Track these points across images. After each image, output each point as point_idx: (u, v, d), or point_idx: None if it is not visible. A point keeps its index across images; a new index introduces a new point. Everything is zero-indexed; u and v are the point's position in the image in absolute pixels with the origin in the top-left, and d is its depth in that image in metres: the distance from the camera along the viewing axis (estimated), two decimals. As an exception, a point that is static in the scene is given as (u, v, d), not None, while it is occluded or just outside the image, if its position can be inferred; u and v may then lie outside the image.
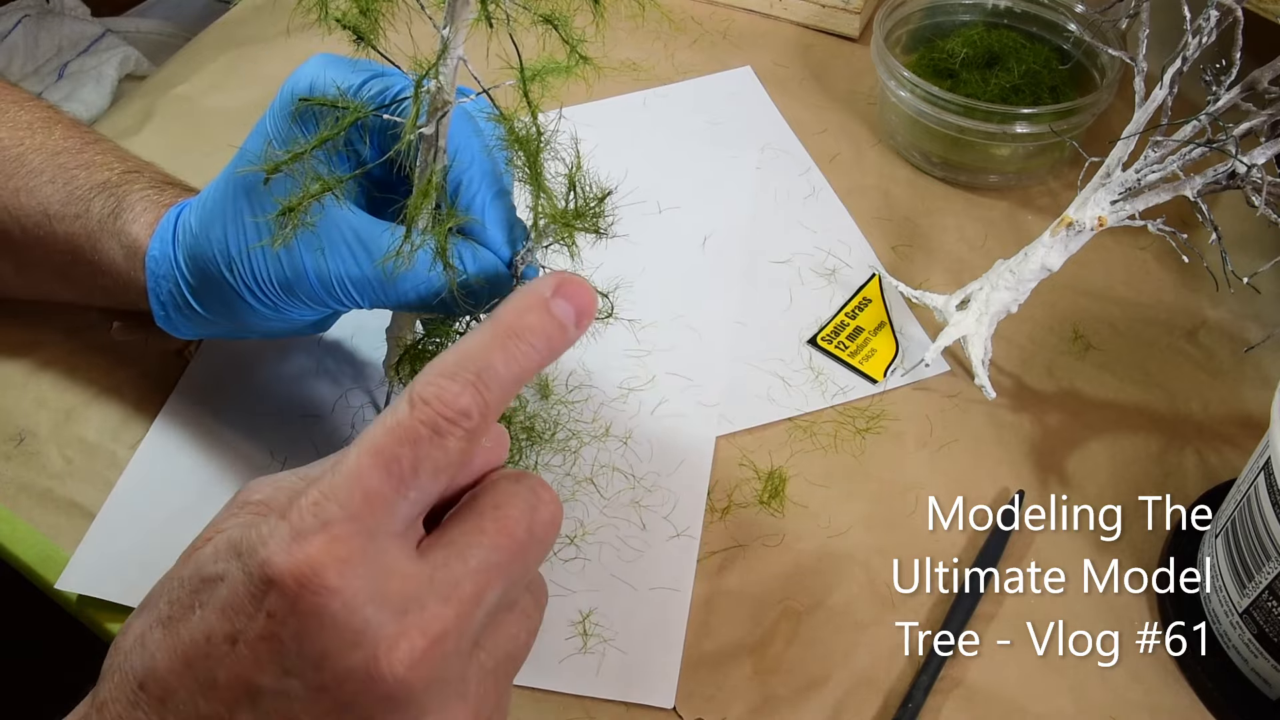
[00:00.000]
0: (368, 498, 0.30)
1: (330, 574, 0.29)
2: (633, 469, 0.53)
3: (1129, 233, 0.63)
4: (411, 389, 0.32)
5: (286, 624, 0.29)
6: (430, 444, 0.31)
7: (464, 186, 0.41)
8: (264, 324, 0.45)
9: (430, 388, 0.31)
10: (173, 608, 0.31)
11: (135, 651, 0.31)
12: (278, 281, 0.42)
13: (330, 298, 0.42)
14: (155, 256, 0.46)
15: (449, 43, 0.37)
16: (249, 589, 0.30)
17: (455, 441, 0.31)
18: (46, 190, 0.50)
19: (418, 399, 0.31)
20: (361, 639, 0.29)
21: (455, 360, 0.32)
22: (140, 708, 0.31)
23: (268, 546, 0.30)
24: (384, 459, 0.31)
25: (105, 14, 1.27)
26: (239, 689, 0.30)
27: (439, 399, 0.31)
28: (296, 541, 0.30)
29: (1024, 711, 0.45)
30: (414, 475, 0.31)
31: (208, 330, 0.47)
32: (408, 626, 0.30)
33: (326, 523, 0.30)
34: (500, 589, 0.32)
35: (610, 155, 0.68)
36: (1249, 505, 0.43)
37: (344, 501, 0.30)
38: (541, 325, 0.33)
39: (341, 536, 0.30)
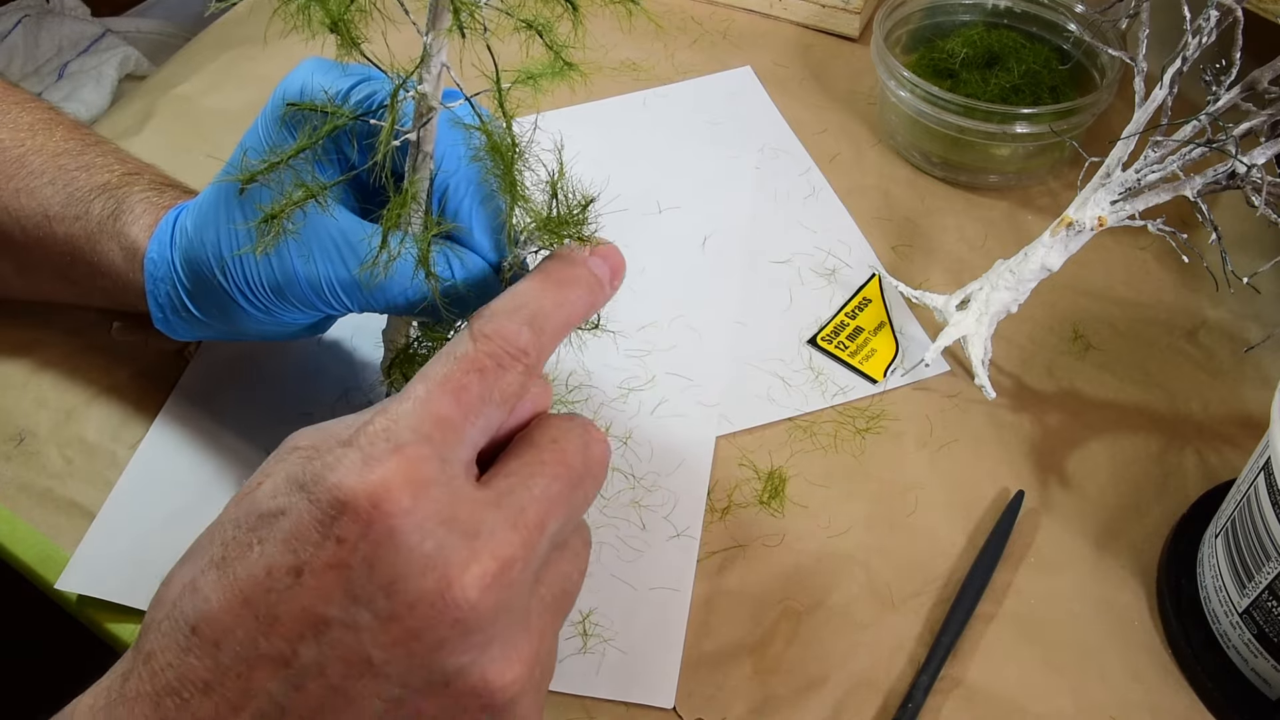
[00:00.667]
0: (439, 422, 0.31)
1: (405, 495, 0.29)
2: (633, 469, 0.53)
3: (1129, 233, 0.63)
4: (472, 326, 0.33)
5: (358, 549, 0.29)
6: (494, 375, 0.32)
7: (450, 192, 0.41)
8: (259, 327, 0.45)
9: (490, 324, 0.33)
10: (227, 549, 0.31)
11: (185, 597, 0.31)
12: (269, 286, 0.42)
13: (321, 302, 0.42)
14: (153, 259, 0.46)
15: (431, 49, 0.37)
16: (316, 516, 0.30)
17: (515, 375, 0.33)
18: (47, 192, 0.50)
19: (480, 334, 0.33)
20: (434, 562, 0.29)
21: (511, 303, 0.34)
22: (192, 653, 0.30)
23: (336, 472, 0.30)
24: (453, 386, 0.32)
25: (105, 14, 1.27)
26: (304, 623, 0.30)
27: (500, 334, 0.33)
28: (368, 465, 0.30)
29: (1024, 711, 0.45)
30: (481, 403, 0.32)
31: (205, 332, 0.47)
32: (479, 550, 0.30)
33: (399, 445, 0.30)
34: (561, 519, 0.33)
35: (611, 155, 0.68)
36: (1249, 505, 0.43)
37: (415, 425, 0.31)
38: (585, 277, 0.36)
39: (415, 459, 0.30)
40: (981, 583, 0.48)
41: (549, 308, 0.35)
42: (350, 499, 0.29)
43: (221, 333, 0.47)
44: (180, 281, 0.45)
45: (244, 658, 0.30)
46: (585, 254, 0.37)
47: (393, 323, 0.47)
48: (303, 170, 0.40)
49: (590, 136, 0.70)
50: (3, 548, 0.50)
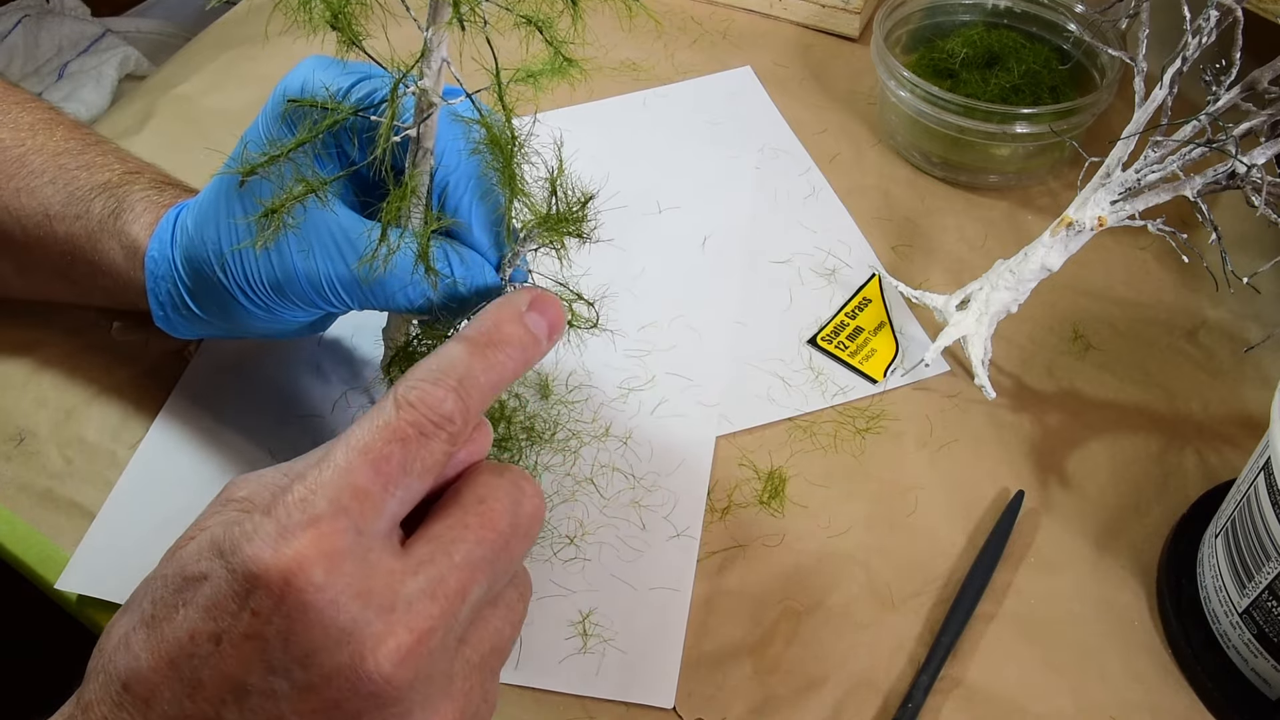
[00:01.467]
0: (356, 494, 0.30)
1: (317, 570, 0.29)
2: (633, 469, 0.53)
3: (1129, 233, 0.63)
4: (395, 392, 0.32)
5: (272, 622, 0.29)
6: (418, 444, 0.31)
7: (450, 189, 0.41)
8: (259, 325, 0.45)
9: (415, 391, 0.32)
10: (156, 607, 0.31)
11: (119, 652, 0.31)
12: (269, 283, 0.42)
13: (320, 299, 0.42)
14: (154, 257, 0.46)
15: (431, 44, 0.37)
16: (232, 587, 0.30)
17: (440, 444, 0.32)
18: (47, 191, 0.50)
19: (403, 401, 0.32)
20: (348, 636, 0.29)
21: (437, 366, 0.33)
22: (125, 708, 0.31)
23: (253, 544, 0.30)
24: (372, 457, 0.31)
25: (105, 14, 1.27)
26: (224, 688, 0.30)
27: (424, 402, 0.32)
28: (283, 538, 0.30)
29: (1024, 711, 0.45)
30: (402, 474, 0.31)
31: (206, 330, 0.47)
32: (394, 624, 0.30)
33: (314, 518, 0.30)
34: (485, 583, 0.32)
35: (611, 155, 0.68)
36: (1249, 505, 0.43)
37: (332, 498, 0.30)
38: (518, 336, 0.35)
39: (329, 533, 0.30)
40: (981, 583, 0.48)
41: (477, 371, 0.34)
42: (262, 573, 0.29)
43: (222, 331, 0.47)
44: (181, 279, 0.45)
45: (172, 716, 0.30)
46: (522, 308, 0.36)
47: (393, 321, 0.47)
48: (303, 166, 0.40)
49: (590, 136, 0.70)
50: (3, 548, 0.50)
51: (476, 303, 0.42)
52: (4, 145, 0.51)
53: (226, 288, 0.43)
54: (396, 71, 0.38)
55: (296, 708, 0.30)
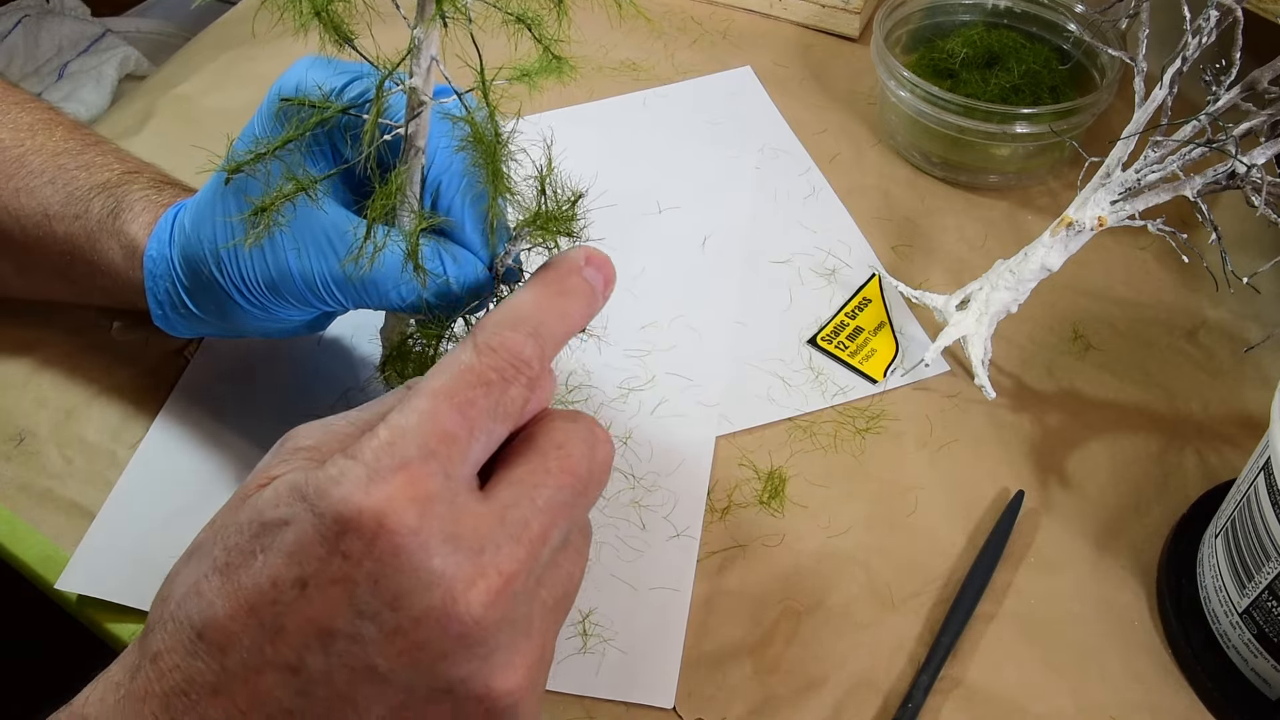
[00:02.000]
0: (443, 438, 0.31)
1: (410, 514, 0.29)
2: (633, 469, 0.53)
3: (1129, 233, 0.63)
4: (476, 337, 0.33)
5: (362, 565, 0.29)
6: (500, 389, 0.32)
7: (442, 189, 0.41)
8: (257, 324, 0.45)
9: (495, 337, 0.33)
10: (230, 554, 0.31)
11: (190, 600, 0.31)
12: (264, 282, 0.42)
13: (315, 298, 0.42)
14: (153, 256, 0.46)
15: (421, 42, 0.37)
16: (320, 531, 0.30)
17: (520, 389, 0.33)
18: (46, 191, 0.50)
19: (484, 346, 0.32)
20: (439, 579, 0.30)
21: (513, 314, 0.34)
22: (199, 657, 0.30)
23: (341, 487, 0.30)
24: (457, 401, 0.31)
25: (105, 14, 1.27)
26: (309, 633, 0.30)
27: (505, 347, 0.33)
28: (374, 481, 0.30)
29: (1024, 711, 0.45)
30: (487, 418, 0.32)
31: (204, 330, 0.48)
32: (484, 566, 0.30)
33: (404, 462, 0.30)
34: (564, 527, 0.33)
35: (611, 155, 0.68)
36: (1249, 505, 0.43)
37: (420, 442, 0.30)
38: (582, 287, 0.36)
39: (419, 476, 0.30)
40: (981, 583, 0.48)
41: (551, 319, 0.35)
42: (355, 516, 0.29)
43: (221, 330, 0.47)
44: (179, 278, 0.45)
45: (251, 664, 0.30)
46: (581, 262, 0.37)
47: (389, 320, 0.47)
48: (295, 165, 0.40)
49: (590, 136, 0.70)
50: (3, 548, 0.50)
51: (469, 301, 0.42)
52: (3, 145, 0.51)
53: (223, 287, 0.43)
54: (384, 69, 0.38)
55: (383, 650, 0.30)
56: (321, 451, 0.33)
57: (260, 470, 0.33)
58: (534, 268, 0.44)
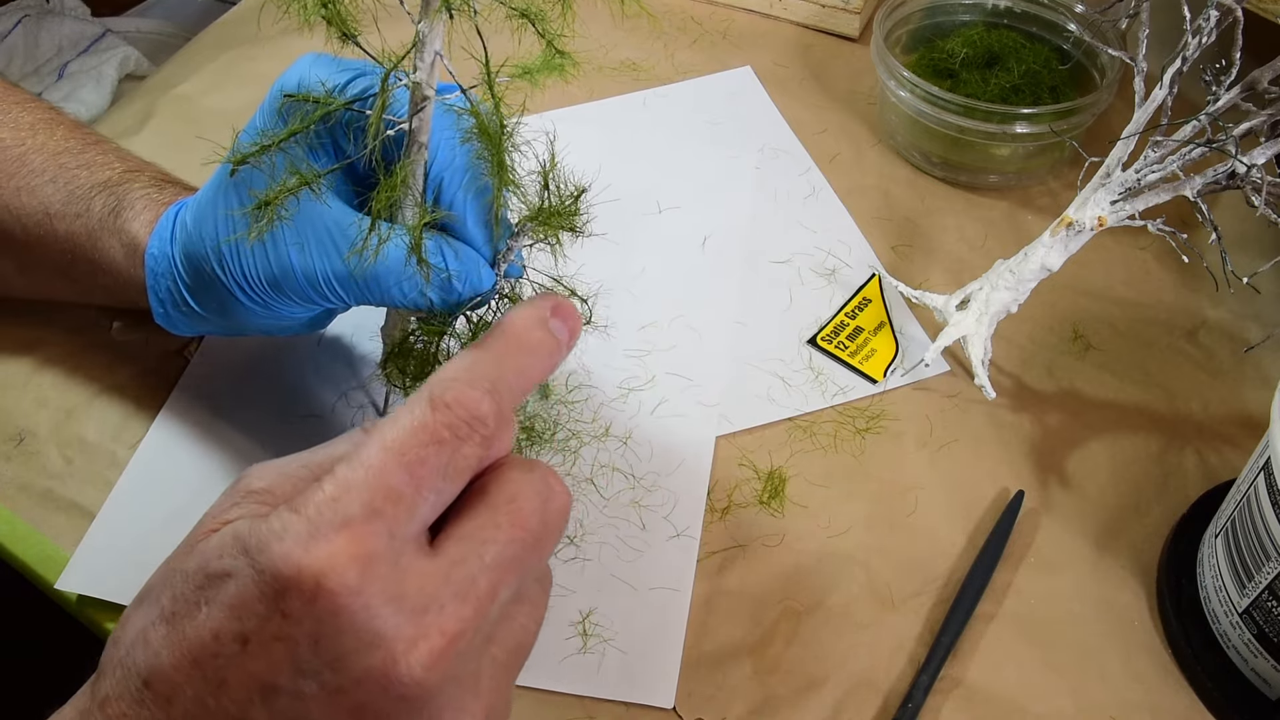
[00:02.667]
0: (389, 496, 0.30)
1: (350, 574, 0.29)
2: (633, 469, 0.53)
3: (1129, 233, 0.63)
4: (430, 392, 0.32)
5: (302, 624, 0.29)
6: (453, 447, 0.31)
7: (445, 184, 0.41)
8: (258, 322, 0.45)
9: (451, 392, 0.31)
10: (176, 603, 0.31)
11: (138, 647, 0.31)
12: (266, 279, 0.42)
13: (317, 294, 0.42)
14: (154, 254, 0.46)
15: (425, 37, 0.37)
16: (260, 588, 0.29)
17: (474, 447, 0.31)
18: (48, 190, 0.50)
19: (439, 402, 0.31)
20: (380, 640, 0.29)
21: (470, 369, 0.33)
22: (146, 705, 0.30)
23: (283, 543, 0.29)
24: (407, 459, 0.30)
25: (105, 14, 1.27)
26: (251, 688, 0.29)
27: (460, 403, 0.31)
28: (314, 539, 0.29)
29: (1024, 711, 0.45)
30: (436, 477, 0.31)
31: (206, 328, 0.48)
32: (426, 627, 0.30)
33: (347, 520, 0.29)
34: (514, 583, 0.32)
35: (611, 155, 0.68)
36: (1249, 505, 0.43)
37: (365, 499, 0.30)
38: (545, 342, 0.35)
39: (362, 535, 0.29)
40: (981, 583, 0.48)
41: (510, 374, 0.33)
42: (294, 575, 0.29)
43: (222, 328, 0.47)
44: (180, 276, 0.45)
45: (195, 715, 0.30)
46: (546, 314, 0.35)
47: (391, 318, 0.47)
48: (298, 160, 0.40)
49: (590, 136, 0.70)
50: (3, 548, 0.50)
51: (471, 298, 0.42)
52: (4, 145, 0.51)
53: (224, 284, 0.43)
54: (389, 63, 0.38)
55: (325, 709, 0.30)
56: (274, 495, 0.32)
57: (211, 514, 0.33)
58: (536, 264, 0.44)
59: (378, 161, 0.39)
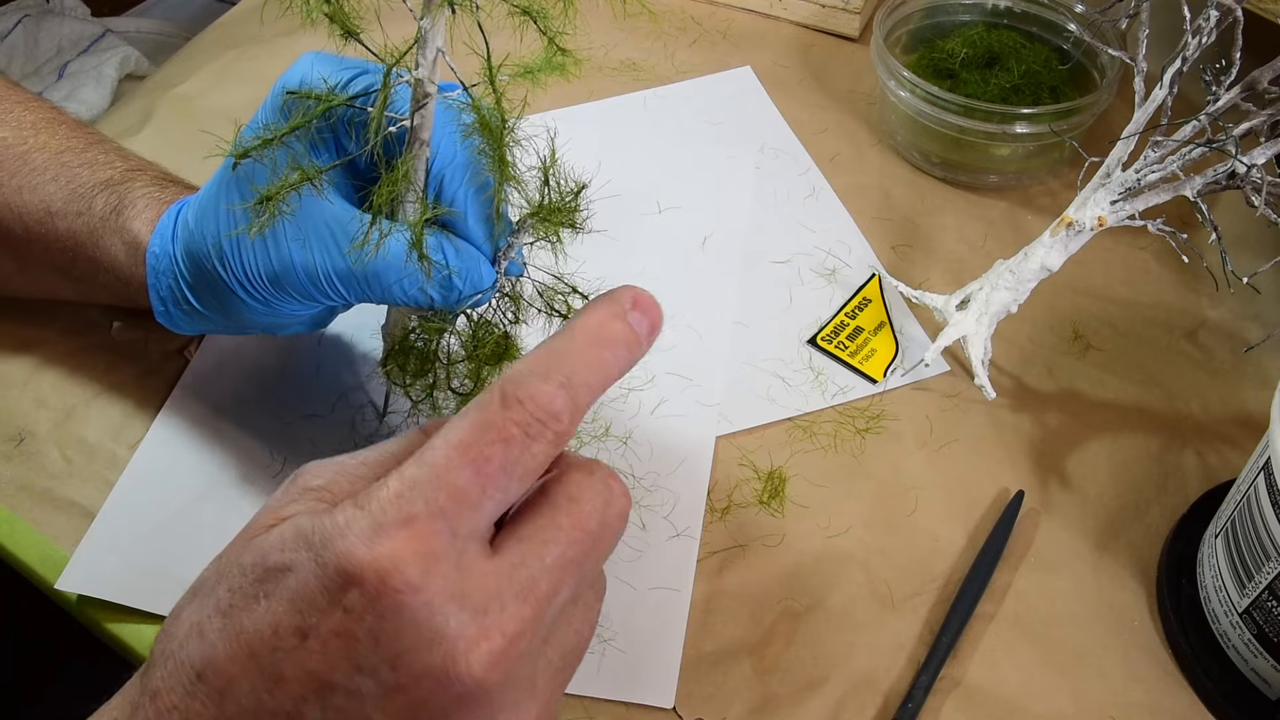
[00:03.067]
0: (454, 494, 0.30)
1: (413, 571, 0.29)
2: (633, 469, 0.53)
3: (1129, 233, 0.63)
4: (503, 387, 0.31)
5: (363, 620, 0.29)
6: (521, 445, 0.30)
7: (445, 181, 0.41)
8: (259, 320, 0.45)
9: (524, 388, 0.31)
10: (234, 596, 0.30)
11: (192, 639, 0.30)
12: (266, 276, 0.42)
13: (318, 291, 0.42)
14: (155, 253, 0.46)
15: (427, 34, 0.37)
16: (323, 582, 0.29)
17: (544, 445, 0.31)
18: (49, 188, 0.50)
19: (511, 398, 0.31)
20: (441, 639, 0.29)
21: (546, 361, 0.32)
22: (198, 698, 0.30)
23: (346, 539, 0.29)
24: (473, 456, 0.30)
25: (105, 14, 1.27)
26: (308, 685, 0.29)
27: (533, 399, 0.31)
28: (378, 535, 0.29)
29: (1024, 711, 0.45)
30: (502, 476, 0.30)
31: (206, 326, 0.48)
32: (487, 627, 0.29)
33: (410, 517, 0.29)
34: (573, 585, 0.32)
35: (610, 155, 0.68)
36: (1249, 505, 0.43)
37: (429, 496, 0.29)
38: (623, 334, 0.33)
39: (425, 533, 0.29)
40: (981, 583, 0.48)
41: (585, 370, 0.32)
42: (357, 570, 0.29)
43: (223, 327, 0.47)
44: (181, 274, 0.45)
45: (248, 710, 0.30)
46: (626, 305, 0.34)
47: (391, 316, 0.47)
48: (300, 156, 0.40)
49: (590, 136, 0.70)
50: (3, 548, 0.50)
51: (472, 295, 0.42)
52: (6, 143, 0.51)
53: (225, 281, 0.43)
54: (391, 59, 0.38)
55: (382, 706, 0.29)
56: (331, 493, 0.32)
57: (268, 509, 0.32)
58: (536, 262, 0.44)
59: (379, 158, 0.39)
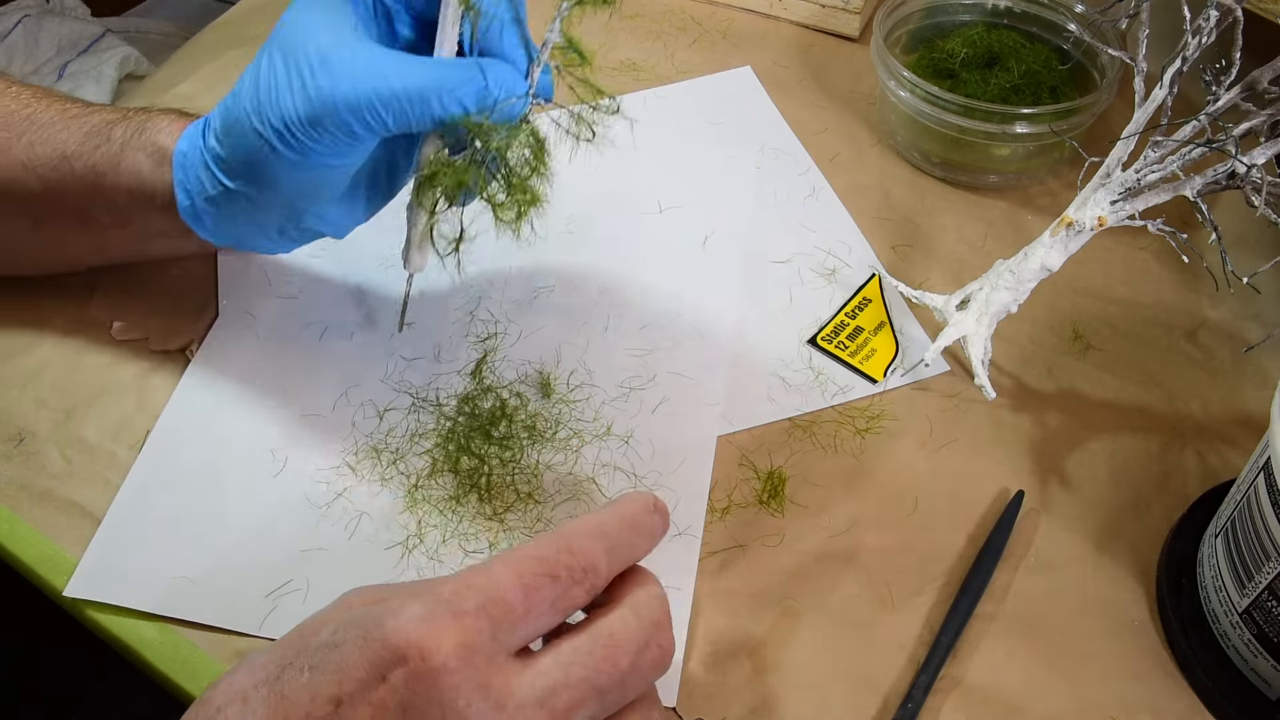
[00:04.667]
0: (502, 605, 0.33)
1: (454, 656, 0.32)
2: (634, 468, 0.53)
3: (1129, 233, 0.63)
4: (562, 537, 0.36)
5: (398, 692, 0.31)
6: (565, 585, 0.35)
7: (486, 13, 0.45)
8: (291, 175, 0.46)
9: (578, 541, 0.36)
10: (283, 669, 0.33)
11: (234, 705, 0.33)
12: (306, 118, 0.44)
13: (360, 124, 0.44)
14: (183, 150, 0.49)
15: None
16: (366, 655, 0.32)
17: (581, 592, 0.35)
18: (61, 136, 0.51)
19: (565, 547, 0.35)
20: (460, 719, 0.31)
21: (598, 528, 0.36)
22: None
23: (399, 618, 0.32)
24: (525, 580, 0.34)
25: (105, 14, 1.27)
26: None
27: (584, 552, 0.35)
28: (428, 620, 0.32)
29: (1024, 711, 0.45)
30: (546, 605, 0.34)
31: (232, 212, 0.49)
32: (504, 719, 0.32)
33: (460, 612, 0.32)
34: (594, 709, 0.34)
35: (610, 155, 0.68)
36: (1249, 505, 0.43)
37: (481, 600, 0.33)
38: (652, 526, 0.38)
39: (470, 627, 0.32)
40: (981, 583, 0.48)
41: (624, 544, 0.37)
42: (403, 645, 0.32)
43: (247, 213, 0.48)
44: (213, 155, 0.47)
45: None
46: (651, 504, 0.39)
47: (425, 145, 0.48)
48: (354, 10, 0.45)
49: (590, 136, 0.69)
50: (3, 548, 0.50)
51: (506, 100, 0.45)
52: (9, 110, 0.53)
53: (262, 134, 0.45)
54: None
55: None
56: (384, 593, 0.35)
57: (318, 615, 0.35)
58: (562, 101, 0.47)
59: None
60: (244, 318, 0.58)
